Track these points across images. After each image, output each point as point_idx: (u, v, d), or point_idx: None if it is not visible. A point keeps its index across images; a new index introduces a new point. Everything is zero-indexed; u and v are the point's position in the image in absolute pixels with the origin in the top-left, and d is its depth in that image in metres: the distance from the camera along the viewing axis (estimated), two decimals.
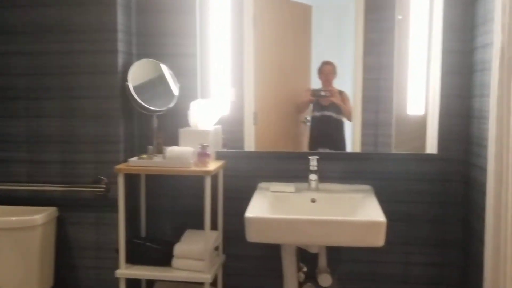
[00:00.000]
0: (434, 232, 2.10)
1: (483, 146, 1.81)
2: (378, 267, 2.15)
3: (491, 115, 1.57)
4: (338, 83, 2.17)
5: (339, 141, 2.20)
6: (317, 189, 2.02)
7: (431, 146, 2.10)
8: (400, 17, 2.08)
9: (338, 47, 2.18)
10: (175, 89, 2.09)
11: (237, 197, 2.09)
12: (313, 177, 2.01)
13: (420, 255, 2.12)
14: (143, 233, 2.20)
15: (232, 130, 2.20)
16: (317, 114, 2.20)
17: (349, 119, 2.16)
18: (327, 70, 2.16)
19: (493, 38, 1.60)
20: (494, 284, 1.57)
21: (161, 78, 2.09)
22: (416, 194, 2.09)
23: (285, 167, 2.13)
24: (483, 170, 1.75)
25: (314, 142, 2.21)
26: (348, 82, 2.16)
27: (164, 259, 1.99)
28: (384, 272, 2.15)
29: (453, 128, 2.04)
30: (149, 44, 2.16)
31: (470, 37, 1.99)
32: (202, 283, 1.92)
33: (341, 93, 2.16)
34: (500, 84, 1.50)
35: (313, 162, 2.00)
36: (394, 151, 2.12)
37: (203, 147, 1.93)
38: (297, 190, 2.03)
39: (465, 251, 2.07)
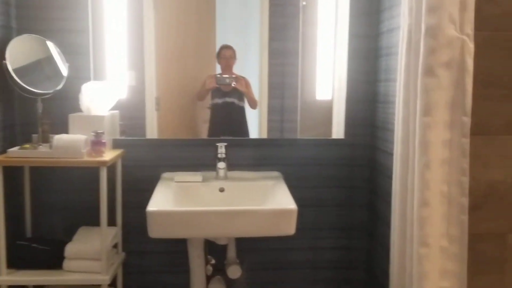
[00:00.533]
0: (342, 217, 2.13)
1: (388, 130, 1.83)
2: (287, 254, 2.13)
3: (398, 99, 1.58)
4: (244, 69, 2.08)
5: (242, 128, 2.13)
6: (225, 178, 1.93)
7: (338, 131, 2.11)
8: (304, 3, 2.05)
9: (243, 32, 2.09)
10: (63, 69, 1.86)
11: (138, 189, 1.95)
12: (221, 165, 1.92)
13: (328, 239, 2.14)
14: (28, 233, 1.96)
15: (132, 116, 2.04)
16: (219, 101, 2.09)
17: (253, 106, 2.09)
18: (227, 55, 2.05)
19: (399, 22, 1.60)
20: (400, 267, 1.59)
21: (47, 56, 1.85)
22: (323, 179, 2.09)
23: (191, 155, 2.02)
24: (389, 154, 1.77)
25: (215, 129, 2.10)
26: (254, 68, 2.09)
27: (54, 261, 1.78)
28: (293, 259, 2.13)
29: (359, 113, 2.07)
30: (32, 18, 1.89)
31: (376, 22, 2.00)
32: (99, 286, 1.75)
33: (243, 78, 2.08)
34: (406, 67, 1.50)
35: (221, 149, 1.91)
36: (299, 136, 2.09)
37: (97, 134, 1.74)
38: (205, 179, 1.93)
39: (371, 235, 2.10)
